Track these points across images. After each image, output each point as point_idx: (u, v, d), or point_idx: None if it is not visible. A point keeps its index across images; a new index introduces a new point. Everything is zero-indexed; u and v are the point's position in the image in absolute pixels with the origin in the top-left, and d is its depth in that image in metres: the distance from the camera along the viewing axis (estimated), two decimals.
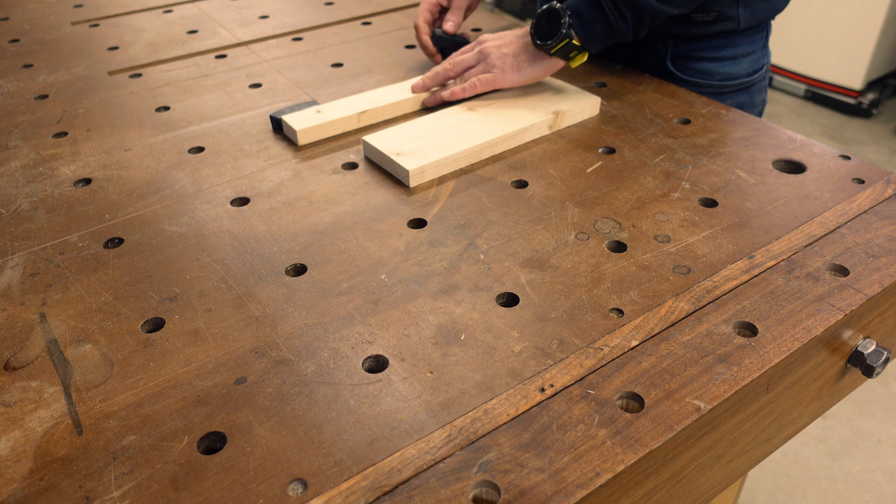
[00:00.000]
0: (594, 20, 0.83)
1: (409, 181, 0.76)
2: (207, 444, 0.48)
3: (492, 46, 0.88)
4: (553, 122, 0.86)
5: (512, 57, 0.87)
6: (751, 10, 0.95)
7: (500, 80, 0.88)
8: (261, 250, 0.67)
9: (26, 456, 0.48)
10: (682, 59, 0.99)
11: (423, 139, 0.81)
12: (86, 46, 1.16)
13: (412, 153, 0.78)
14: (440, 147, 0.79)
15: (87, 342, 0.57)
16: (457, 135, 0.82)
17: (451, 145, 0.80)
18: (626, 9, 0.82)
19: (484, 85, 0.88)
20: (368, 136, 0.82)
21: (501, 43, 0.88)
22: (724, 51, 0.99)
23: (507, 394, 0.51)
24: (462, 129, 0.83)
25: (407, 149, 0.79)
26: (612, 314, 0.58)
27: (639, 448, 0.46)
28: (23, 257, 0.67)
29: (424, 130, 0.83)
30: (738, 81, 1.02)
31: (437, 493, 0.44)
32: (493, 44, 0.89)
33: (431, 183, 0.77)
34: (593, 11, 0.83)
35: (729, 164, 0.78)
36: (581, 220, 0.70)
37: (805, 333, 0.55)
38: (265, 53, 1.11)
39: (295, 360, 0.55)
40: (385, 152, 0.79)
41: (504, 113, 0.86)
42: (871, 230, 0.67)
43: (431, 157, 0.78)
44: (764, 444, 0.61)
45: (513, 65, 0.87)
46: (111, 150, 0.85)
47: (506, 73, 0.87)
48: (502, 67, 0.87)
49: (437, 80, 0.91)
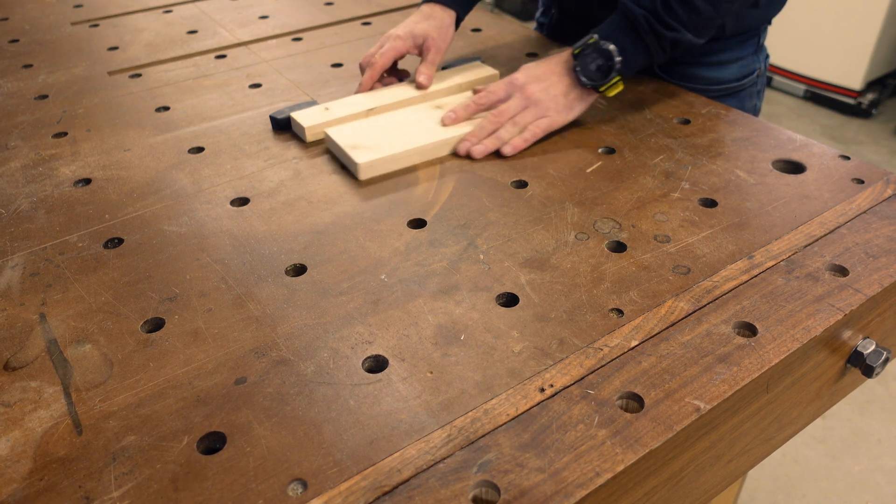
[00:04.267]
0: (637, 54, 0.83)
1: (360, 174, 0.77)
2: (207, 444, 0.48)
3: (538, 90, 0.84)
4: None
5: (563, 97, 0.84)
6: (737, 17, 0.94)
7: (556, 123, 0.85)
8: (261, 250, 0.67)
9: (26, 456, 0.48)
10: (670, 62, 0.99)
11: (383, 135, 0.82)
12: (85, 46, 1.16)
13: (368, 147, 0.79)
14: (396, 143, 0.80)
15: (87, 342, 0.57)
16: (418, 131, 0.83)
17: (408, 141, 0.81)
18: (668, 44, 0.82)
19: (543, 131, 0.84)
20: (330, 128, 0.83)
21: (547, 85, 0.84)
22: (711, 56, 0.99)
23: (506, 394, 0.51)
24: (424, 125, 0.84)
25: (366, 143, 0.80)
26: (611, 314, 0.58)
27: (639, 448, 0.46)
28: (23, 257, 0.67)
29: (388, 126, 0.84)
30: (724, 86, 1.01)
31: (436, 493, 0.44)
32: (539, 87, 0.84)
33: (431, 184, 0.77)
34: (637, 47, 0.82)
35: (729, 164, 0.78)
36: (581, 220, 0.70)
37: (805, 333, 0.55)
38: (265, 53, 1.11)
39: (295, 360, 0.55)
40: (341, 145, 0.80)
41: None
42: (871, 230, 0.67)
43: (384, 151, 0.79)
44: (764, 444, 0.61)
45: (566, 105, 0.84)
46: (111, 150, 0.85)
47: (560, 114, 0.84)
48: (556, 109, 0.84)
49: (469, 111, 0.86)
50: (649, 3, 0.81)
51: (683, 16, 0.81)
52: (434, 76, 0.95)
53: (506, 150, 0.82)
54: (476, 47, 1.11)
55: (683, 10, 0.80)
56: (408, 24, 0.96)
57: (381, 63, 0.93)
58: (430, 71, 0.94)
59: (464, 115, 0.86)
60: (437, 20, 0.96)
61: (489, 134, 0.83)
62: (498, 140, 0.83)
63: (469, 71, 0.98)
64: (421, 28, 0.95)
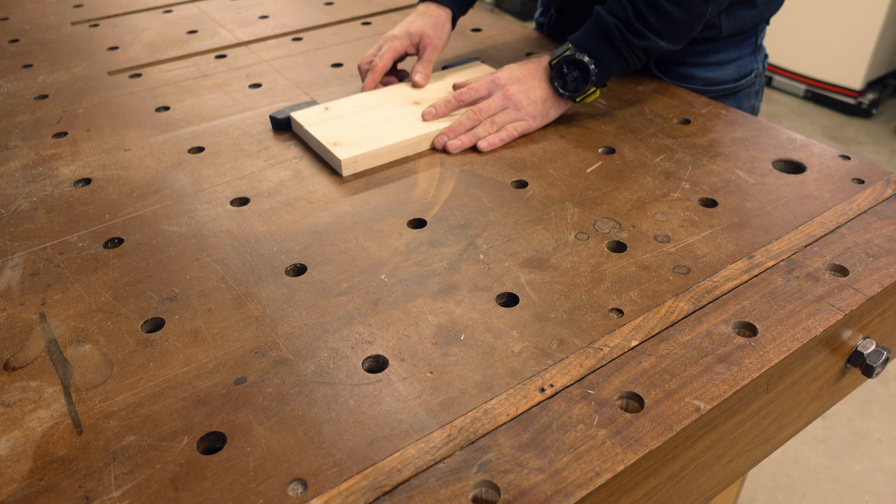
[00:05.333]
0: (612, 63, 0.84)
1: (343, 170, 0.78)
2: (207, 444, 0.48)
3: (519, 91, 0.84)
4: None
5: (541, 103, 0.85)
6: (733, 17, 0.94)
7: (531, 128, 0.86)
8: (261, 250, 0.67)
9: (26, 456, 0.48)
10: (666, 63, 0.99)
11: (361, 130, 0.83)
12: (86, 46, 1.16)
13: (349, 143, 0.80)
14: (376, 138, 0.81)
15: (87, 342, 0.57)
16: (396, 127, 0.83)
17: (388, 137, 0.81)
18: (641, 51, 0.83)
19: (519, 133, 0.85)
20: (310, 125, 0.84)
21: (527, 88, 0.85)
22: (708, 56, 0.99)
23: (506, 394, 0.51)
24: (402, 121, 0.85)
25: (345, 139, 0.81)
26: (611, 314, 0.58)
27: (639, 448, 0.46)
28: (23, 257, 0.67)
29: (368, 123, 0.85)
30: (722, 87, 1.01)
31: (436, 493, 0.44)
32: (519, 88, 0.85)
33: (431, 184, 0.77)
34: (612, 55, 0.83)
35: (729, 164, 0.78)
36: (581, 220, 0.70)
37: (805, 333, 0.55)
38: (265, 53, 1.11)
39: (295, 360, 0.55)
40: (322, 141, 0.80)
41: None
42: (871, 230, 0.67)
43: (366, 147, 0.79)
44: (764, 444, 0.61)
45: (542, 111, 0.85)
46: (111, 150, 0.85)
47: (536, 119, 0.85)
48: (533, 114, 0.85)
49: (450, 107, 0.87)
50: (621, 11, 0.81)
51: (655, 22, 0.81)
52: (431, 75, 0.95)
53: (481, 146, 0.83)
54: (476, 47, 1.11)
55: (655, 17, 0.80)
56: (404, 24, 0.96)
57: (382, 66, 0.94)
58: (426, 70, 0.94)
59: (444, 111, 0.86)
60: (432, 17, 0.96)
61: (467, 130, 0.84)
62: (474, 137, 0.83)
63: (469, 71, 0.98)
64: (416, 26, 0.95)
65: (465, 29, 1.18)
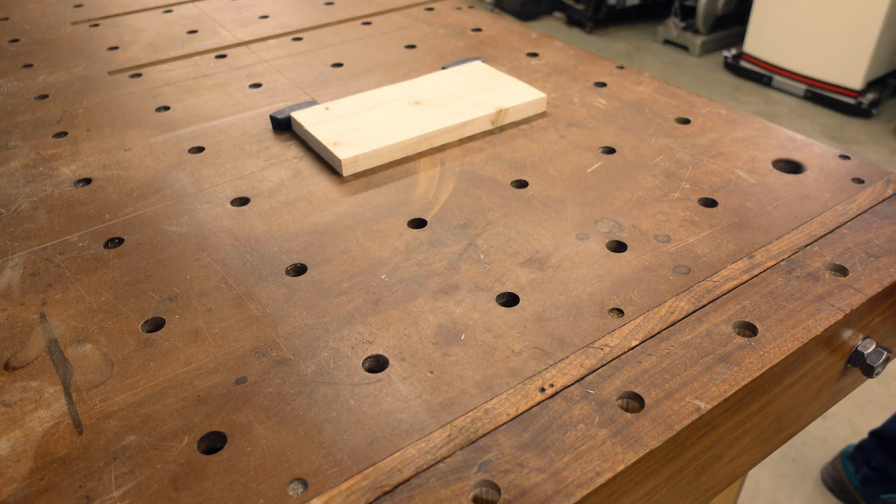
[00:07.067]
0: None
1: (343, 170, 0.78)
2: (207, 444, 0.48)
3: None
4: (496, 118, 0.87)
5: None
6: None
7: None
8: (261, 250, 0.67)
9: (26, 456, 0.48)
10: None
11: (362, 130, 0.83)
12: (86, 46, 1.16)
13: (349, 143, 0.80)
14: (377, 138, 0.81)
15: (87, 342, 0.57)
16: (396, 127, 0.83)
17: (388, 137, 0.81)
18: None
19: None
20: (311, 125, 0.84)
21: None
22: None
23: (507, 393, 0.51)
24: (403, 121, 0.85)
25: (346, 139, 0.81)
26: (612, 314, 0.58)
27: (639, 448, 0.46)
28: (23, 257, 0.67)
29: (364, 122, 0.85)
30: None
31: (437, 492, 0.44)
32: None
33: (431, 184, 0.77)
34: None
35: (729, 164, 0.78)
36: (581, 220, 0.70)
37: (805, 333, 0.55)
38: (265, 53, 1.11)
39: (295, 359, 0.55)
40: (322, 141, 0.80)
41: (448, 107, 0.87)
42: (871, 230, 0.67)
43: (366, 147, 0.79)
44: (764, 444, 0.61)
45: None
46: (111, 150, 0.85)
47: None
48: None
49: None
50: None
51: None
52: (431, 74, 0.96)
53: None
54: (476, 47, 1.11)
55: None
56: None
57: None
58: None
59: None
60: None
61: None
62: None
63: (469, 71, 0.98)
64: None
65: (465, 29, 1.18)
